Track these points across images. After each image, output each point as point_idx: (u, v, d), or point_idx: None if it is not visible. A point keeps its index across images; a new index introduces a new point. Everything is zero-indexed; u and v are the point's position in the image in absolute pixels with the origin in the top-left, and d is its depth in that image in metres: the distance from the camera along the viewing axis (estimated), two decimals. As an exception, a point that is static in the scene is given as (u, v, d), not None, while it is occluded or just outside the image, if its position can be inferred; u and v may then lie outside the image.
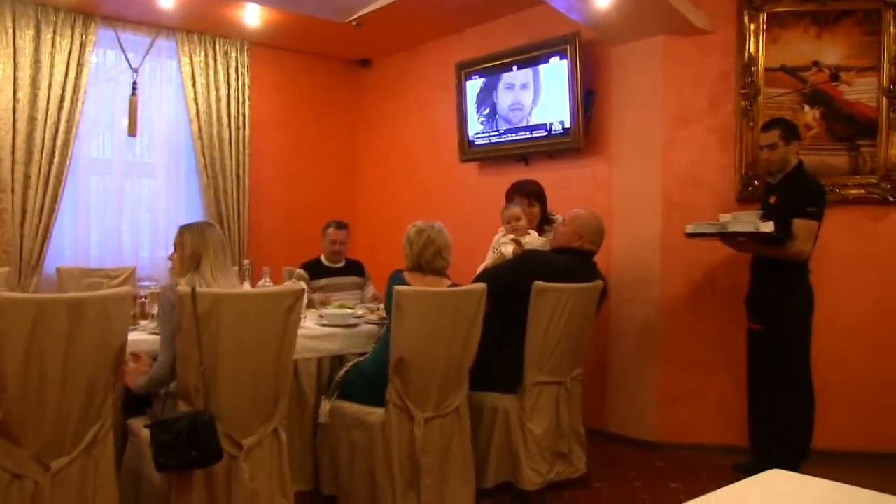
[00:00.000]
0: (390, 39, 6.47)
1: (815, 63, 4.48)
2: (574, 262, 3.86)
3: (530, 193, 4.42)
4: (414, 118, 6.67)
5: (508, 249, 3.99)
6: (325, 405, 3.47)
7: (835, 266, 4.40)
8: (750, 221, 3.81)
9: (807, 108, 4.50)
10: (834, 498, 1.29)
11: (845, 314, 4.39)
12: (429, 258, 3.47)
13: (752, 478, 1.35)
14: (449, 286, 3.45)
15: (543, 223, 4.45)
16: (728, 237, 3.96)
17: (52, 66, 5.52)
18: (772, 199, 4.02)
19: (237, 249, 6.25)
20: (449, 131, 6.04)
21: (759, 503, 1.27)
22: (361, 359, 3.59)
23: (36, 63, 5.48)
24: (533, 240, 4.13)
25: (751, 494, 1.29)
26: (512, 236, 4.07)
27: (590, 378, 4.38)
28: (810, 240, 3.88)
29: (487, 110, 5.70)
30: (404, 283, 3.38)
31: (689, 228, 4.02)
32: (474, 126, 5.79)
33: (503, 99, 5.58)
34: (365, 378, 3.40)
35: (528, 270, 3.64)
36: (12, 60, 5.39)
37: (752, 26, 4.53)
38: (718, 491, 1.25)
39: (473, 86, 5.78)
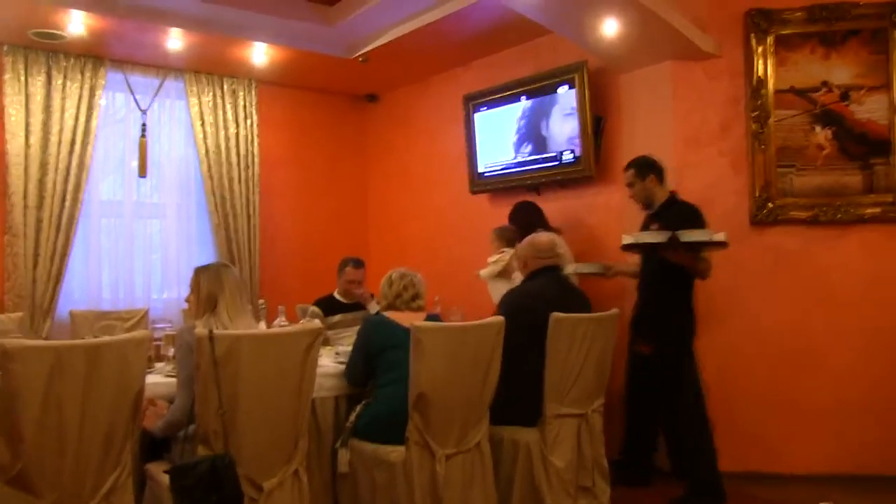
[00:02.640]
0: (397, 74, 6.50)
1: (825, 83, 4.47)
2: (543, 281, 3.85)
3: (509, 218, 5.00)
4: (423, 151, 6.69)
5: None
6: (344, 455, 3.40)
7: (850, 286, 4.37)
8: (699, 231, 3.90)
9: (818, 128, 4.49)
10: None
11: (861, 333, 4.35)
12: (406, 299, 3.59)
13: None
14: (427, 318, 3.47)
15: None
16: (678, 247, 3.86)
17: (62, 111, 5.57)
18: (654, 226, 4.09)
19: (249, 287, 6.24)
20: (458, 163, 6.05)
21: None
22: (366, 403, 3.51)
23: (47, 108, 5.53)
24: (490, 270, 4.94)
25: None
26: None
27: (608, 408, 4.32)
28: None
29: (496, 141, 5.70)
30: (384, 318, 3.51)
31: (628, 239, 3.99)
32: (484, 157, 5.79)
33: (511, 129, 5.58)
34: (381, 420, 3.35)
35: (512, 309, 3.62)
36: (24, 107, 5.43)
37: (760, 49, 4.53)
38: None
39: (481, 118, 5.79)
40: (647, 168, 4.25)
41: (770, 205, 4.51)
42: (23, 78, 5.44)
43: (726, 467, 4.45)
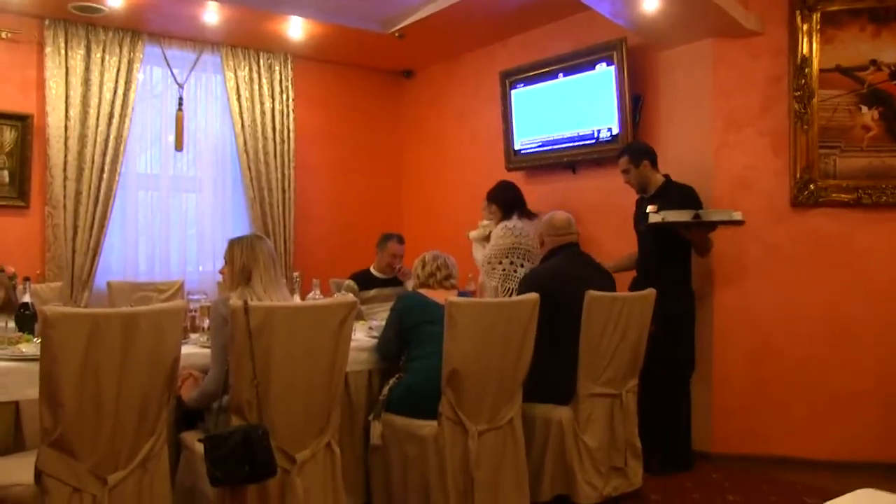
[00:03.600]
0: (433, 49, 6.46)
1: (874, 62, 4.35)
2: (565, 258, 3.88)
3: (489, 195, 5.18)
4: (458, 128, 6.65)
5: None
6: (377, 427, 3.42)
7: (891, 271, 4.28)
8: (719, 211, 4.22)
9: (864, 108, 4.37)
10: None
11: (894, 316, 4.27)
12: (439, 279, 3.64)
13: (842, 498, 1.28)
14: (459, 295, 3.54)
15: (506, 220, 5.01)
16: (703, 226, 4.14)
17: (101, 84, 5.61)
18: (652, 208, 4.25)
19: (284, 262, 6.27)
20: (494, 140, 6.00)
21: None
22: (399, 377, 3.52)
23: (86, 82, 5.57)
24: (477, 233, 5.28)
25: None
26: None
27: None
28: None
29: (532, 118, 5.65)
30: (416, 294, 3.59)
31: (655, 218, 4.13)
32: (520, 134, 5.74)
33: (548, 107, 5.52)
34: (414, 394, 3.36)
35: (539, 287, 3.54)
36: (64, 80, 5.49)
37: (805, 26, 4.42)
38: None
39: (518, 94, 5.73)
40: (641, 154, 4.43)
41: (811, 186, 4.41)
42: (63, 51, 5.49)
43: (754, 450, 4.43)
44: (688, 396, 4.43)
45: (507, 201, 5.07)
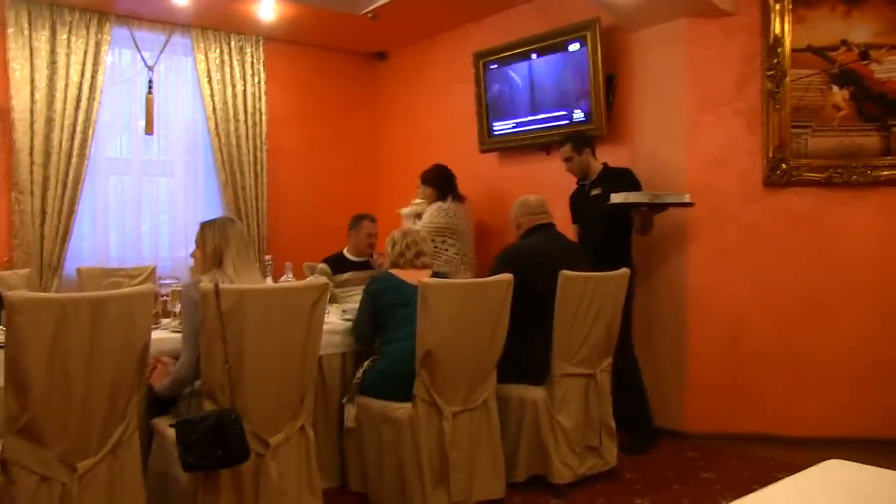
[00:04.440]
0: (406, 31, 6.41)
1: (844, 42, 4.37)
2: (541, 238, 3.89)
3: (424, 177, 5.44)
4: (432, 109, 6.61)
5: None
6: (351, 410, 3.41)
7: (862, 249, 4.33)
8: (672, 193, 4.32)
9: (835, 88, 4.39)
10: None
11: (871, 297, 4.32)
12: (409, 257, 3.62)
13: (810, 469, 1.29)
14: (432, 275, 3.49)
15: (440, 201, 5.30)
16: (656, 207, 4.23)
17: (68, 67, 5.51)
18: (595, 192, 4.43)
19: (257, 246, 6.22)
20: (468, 121, 5.97)
21: (823, 493, 1.21)
22: (373, 360, 3.51)
23: (52, 64, 5.47)
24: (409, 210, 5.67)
25: (811, 485, 1.23)
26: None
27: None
28: None
29: (506, 99, 5.62)
30: (390, 275, 3.54)
31: (617, 198, 4.18)
32: (494, 116, 5.72)
33: (522, 87, 5.50)
34: (388, 378, 3.35)
35: (514, 266, 3.55)
36: (29, 62, 5.38)
37: (777, 6, 4.41)
38: (779, 483, 1.19)
39: (491, 75, 5.70)
40: (582, 142, 4.54)
41: (784, 166, 4.43)
42: (26, 32, 5.37)
43: (727, 429, 4.47)
44: (638, 373, 4.40)
45: (441, 183, 5.35)
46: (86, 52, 5.57)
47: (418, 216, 5.51)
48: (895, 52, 4.29)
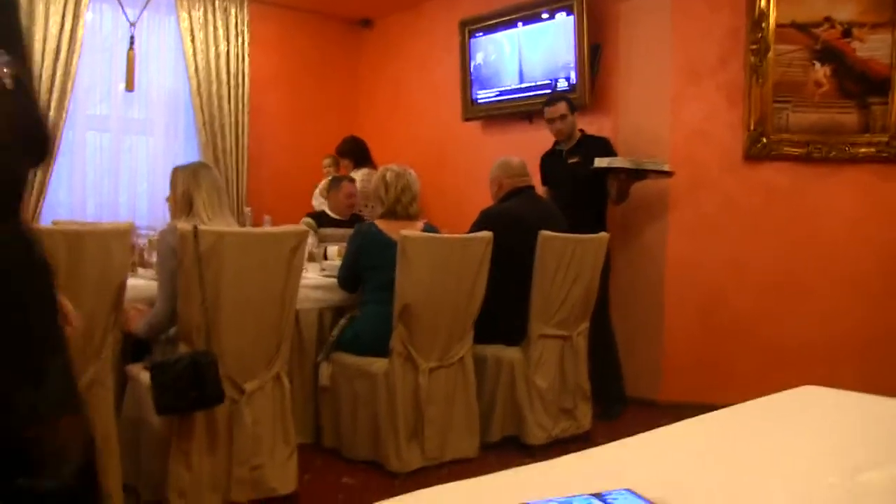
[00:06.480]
0: (392, -3, 6.36)
1: (828, 19, 4.38)
2: (521, 200, 3.87)
3: (340, 150, 6.01)
4: (416, 78, 6.57)
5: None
6: (326, 369, 3.40)
7: (839, 224, 4.36)
8: (652, 161, 4.35)
9: (817, 64, 4.41)
10: (868, 406, 1.25)
11: (846, 272, 4.36)
12: (405, 203, 3.46)
13: (786, 392, 1.31)
14: (423, 229, 3.41)
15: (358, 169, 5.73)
16: (636, 174, 4.30)
17: (46, 18, 5.39)
18: (574, 159, 4.45)
19: (236, 207, 6.17)
20: (451, 90, 5.95)
21: (797, 413, 1.22)
22: (348, 318, 3.49)
23: (30, 14, 5.34)
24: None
25: (786, 405, 1.25)
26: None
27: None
28: None
29: (490, 68, 5.61)
30: (377, 232, 3.37)
31: (602, 163, 4.23)
32: (478, 84, 5.70)
33: (507, 56, 5.48)
34: (365, 337, 3.34)
35: (494, 226, 3.53)
36: (6, 12, 5.26)
37: (763, -19, 4.43)
38: (755, 401, 1.21)
39: (477, 43, 5.68)
40: (572, 104, 4.54)
41: (764, 140, 4.46)
42: (6, -18, 5.26)
43: (706, 399, 4.50)
44: (614, 340, 4.46)
45: (359, 153, 5.86)
46: (65, 4, 5.46)
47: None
48: (877, 30, 4.31)
